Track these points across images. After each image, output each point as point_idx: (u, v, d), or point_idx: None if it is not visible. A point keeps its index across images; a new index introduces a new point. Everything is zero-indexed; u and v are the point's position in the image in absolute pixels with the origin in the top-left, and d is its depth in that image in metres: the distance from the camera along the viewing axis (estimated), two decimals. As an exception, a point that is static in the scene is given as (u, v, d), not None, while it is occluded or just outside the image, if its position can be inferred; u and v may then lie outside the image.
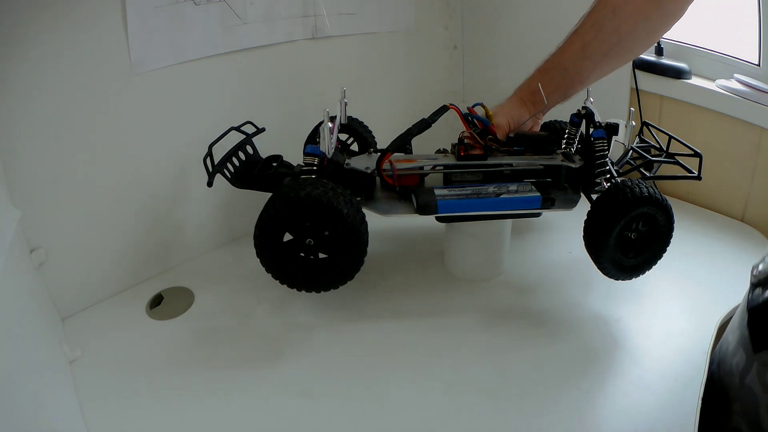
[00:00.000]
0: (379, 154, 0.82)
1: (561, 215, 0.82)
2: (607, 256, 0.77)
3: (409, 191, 0.81)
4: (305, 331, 0.81)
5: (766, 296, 0.61)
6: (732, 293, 0.85)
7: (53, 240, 0.78)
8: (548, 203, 0.80)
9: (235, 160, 0.83)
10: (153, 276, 0.92)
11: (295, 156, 0.85)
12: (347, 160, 0.83)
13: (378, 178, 0.82)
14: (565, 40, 0.84)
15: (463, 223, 0.85)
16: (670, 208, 0.77)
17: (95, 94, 0.78)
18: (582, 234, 0.79)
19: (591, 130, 0.83)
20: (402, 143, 0.80)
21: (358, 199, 0.80)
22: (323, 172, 0.78)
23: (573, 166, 0.83)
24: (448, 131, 0.96)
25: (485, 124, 0.85)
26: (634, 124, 0.80)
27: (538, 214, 0.82)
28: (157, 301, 0.87)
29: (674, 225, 0.79)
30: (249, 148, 0.86)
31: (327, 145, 0.77)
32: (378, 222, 0.79)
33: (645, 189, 0.74)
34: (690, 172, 0.84)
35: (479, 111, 0.86)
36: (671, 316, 0.83)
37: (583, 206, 0.81)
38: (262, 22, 0.93)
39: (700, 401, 0.68)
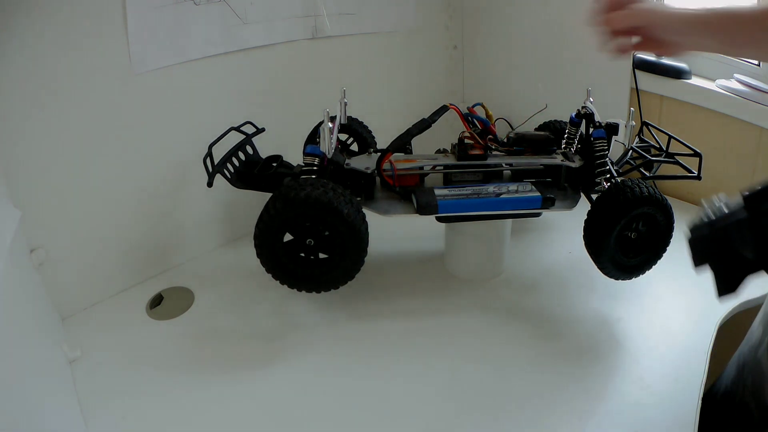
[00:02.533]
0: (379, 154, 0.82)
1: (561, 215, 0.82)
2: (607, 255, 0.77)
3: (409, 191, 0.81)
4: (305, 331, 0.81)
5: None
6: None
7: (53, 240, 0.78)
8: (548, 203, 0.80)
9: (235, 160, 0.83)
10: (153, 276, 0.92)
11: (295, 156, 0.85)
12: (347, 160, 0.84)
13: (378, 178, 0.82)
14: None
15: (463, 223, 0.85)
16: (670, 208, 0.77)
17: (95, 94, 0.78)
18: (582, 234, 0.79)
19: (591, 130, 0.83)
20: (402, 143, 0.80)
21: (358, 199, 0.80)
22: (323, 172, 0.78)
23: (573, 165, 0.83)
24: (448, 131, 0.95)
25: (485, 124, 0.85)
26: (634, 124, 0.80)
27: (538, 214, 0.82)
28: (157, 301, 0.87)
29: (674, 225, 0.79)
30: (249, 148, 0.86)
31: (327, 145, 0.77)
32: (378, 222, 0.79)
33: (645, 189, 0.75)
34: (690, 171, 0.84)
35: (479, 111, 0.86)
36: (671, 316, 0.83)
37: (583, 206, 0.81)
38: (262, 22, 0.93)
39: (699, 401, 0.68)
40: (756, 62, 1.01)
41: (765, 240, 0.52)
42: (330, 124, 0.76)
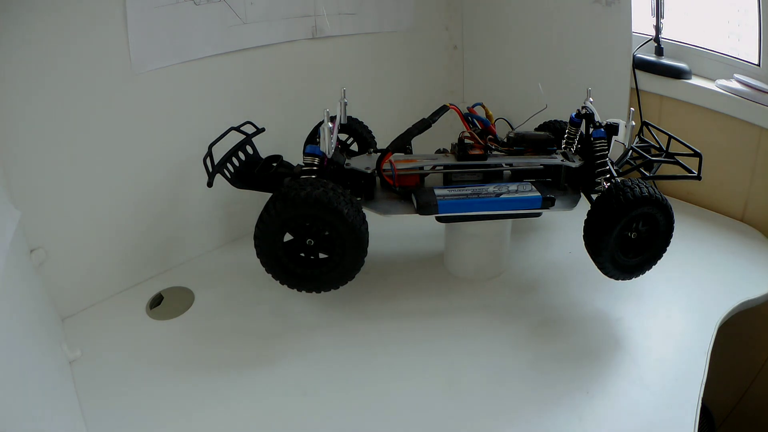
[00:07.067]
0: (379, 154, 0.82)
1: (561, 215, 0.82)
2: (607, 255, 0.77)
3: (409, 191, 0.81)
4: (305, 331, 0.81)
5: None
6: (732, 293, 0.85)
7: (53, 240, 0.78)
8: (548, 203, 0.80)
9: (235, 160, 0.83)
10: (153, 276, 0.92)
11: (295, 156, 0.85)
12: (347, 160, 0.83)
13: (378, 178, 0.82)
14: None
15: (463, 223, 0.85)
16: (670, 208, 0.77)
17: (95, 94, 0.78)
18: (582, 234, 0.79)
19: (591, 130, 0.83)
20: (402, 143, 0.80)
21: (358, 199, 0.80)
22: (323, 172, 0.78)
23: (573, 165, 0.83)
24: (448, 131, 0.95)
25: (485, 124, 0.85)
26: (634, 124, 0.80)
27: (538, 214, 0.82)
28: (157, 301, 0.87)
29: (674, 225, 0.79)
30: (249, 148, 0.86)
31: (327, 145, 0.77)
32: (378, 222, 0.79)
33: (645, 189, 0.74)
34: (690, 172, 0.84)
35: (479, 111, 0.86)
36: (671, 316, 0.83)
37: (583, 206, 0.81)
38: (262, 22, 0.93)
39: (699, 401, 0.68)
40: (756, 62, 1.01)
41: None
42: (330, 124, 0.76)
